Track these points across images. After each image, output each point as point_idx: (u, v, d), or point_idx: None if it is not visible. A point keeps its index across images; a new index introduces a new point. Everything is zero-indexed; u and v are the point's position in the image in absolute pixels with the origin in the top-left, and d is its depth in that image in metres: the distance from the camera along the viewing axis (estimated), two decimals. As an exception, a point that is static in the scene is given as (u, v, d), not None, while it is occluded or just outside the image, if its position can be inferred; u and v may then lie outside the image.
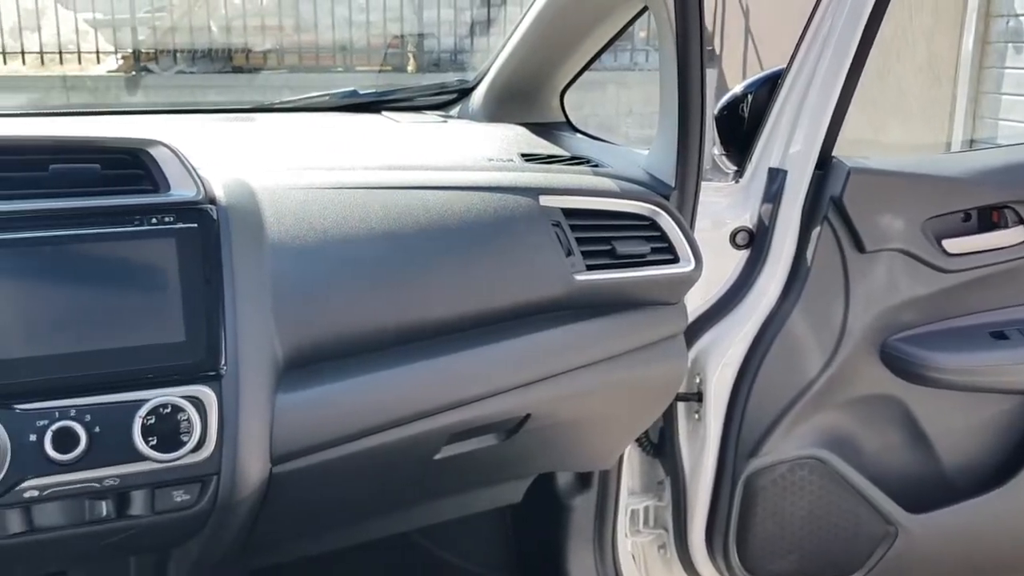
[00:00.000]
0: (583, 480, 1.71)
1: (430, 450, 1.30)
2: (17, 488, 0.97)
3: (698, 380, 1.64)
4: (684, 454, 1.67)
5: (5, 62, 7.56)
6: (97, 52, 7.92)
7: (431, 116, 1.95)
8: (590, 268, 1.37)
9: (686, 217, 1.47)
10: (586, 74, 1.90)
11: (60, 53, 7.69)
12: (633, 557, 1.76)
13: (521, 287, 1.32)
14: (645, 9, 1.61)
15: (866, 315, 1.60)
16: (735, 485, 1.62)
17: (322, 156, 1.44)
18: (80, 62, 7.78)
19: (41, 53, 7.64)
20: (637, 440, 1.70)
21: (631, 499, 1.75)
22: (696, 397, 1.64)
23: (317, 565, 1.59)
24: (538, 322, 1.34)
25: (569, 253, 1.36)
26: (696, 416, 1.65)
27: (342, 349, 1.19)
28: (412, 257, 1.25)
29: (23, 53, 7.60)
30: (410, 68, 8.17)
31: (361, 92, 2.00)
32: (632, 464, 1.74)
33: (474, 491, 1.60)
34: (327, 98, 1.99)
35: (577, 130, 1.95)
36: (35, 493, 0.98)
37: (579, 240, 1.38)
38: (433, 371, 1.25)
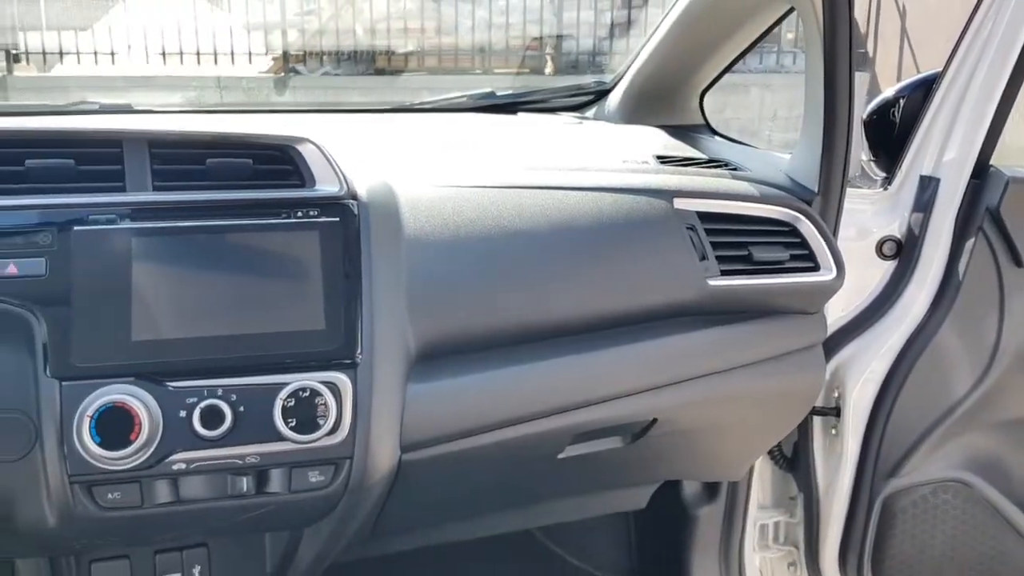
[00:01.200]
0: (711, 490, 1.69)
1: (554, 448, 1.32)
2: (167, 460, 1.05)
3: (836, 394, 1.59)
4: (819, 470, 1.62)
5: (165, 62, 8.08)
6: (249, 54, 8.35)
7: (567, 117, 1.98)
8: (725, 273, 1.36)
9: (829, 224, 1.43)
10: (728, 77, 1.88)
11: (215, 55, 8.15)
12: (760, 573, 1.73)
13: (652, 290, 1.32)
14: (792, 10, 1.57)
15: (1022, 333, 1.51)
16: (872, 505, 1.57)
17: (458, 155, 1.48)
18: (233, 63, 8.23)
19: (198, 54, 8.12)
20: (769, 453, 1.66)
21: (761, 513, 1.71)
22: (834, 412, 1.59)
23: (440, 555, 1.64)
24: (669, 326, 1.34)
25: (703, 257, 1.35)
26: (833, 432, 1.61)
27: (472, 344, 1.23)
28: (544, 256, 1.27)
29: (181, 54, 8.09)
30: (548, 70, 8.23)
31: (498, 93, 2.04)
32: (763, 477, 1.71)
33: (597, 493, 1.61)
34: (465, 99, 2.04)
35: (716, 133, 1.93)
36: (182, 466, 1.05)
37: (714, 244, 1.37)
38: (560, 370, 1.26)
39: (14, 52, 8.11)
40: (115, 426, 1.01)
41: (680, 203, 1.38)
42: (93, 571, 1.20)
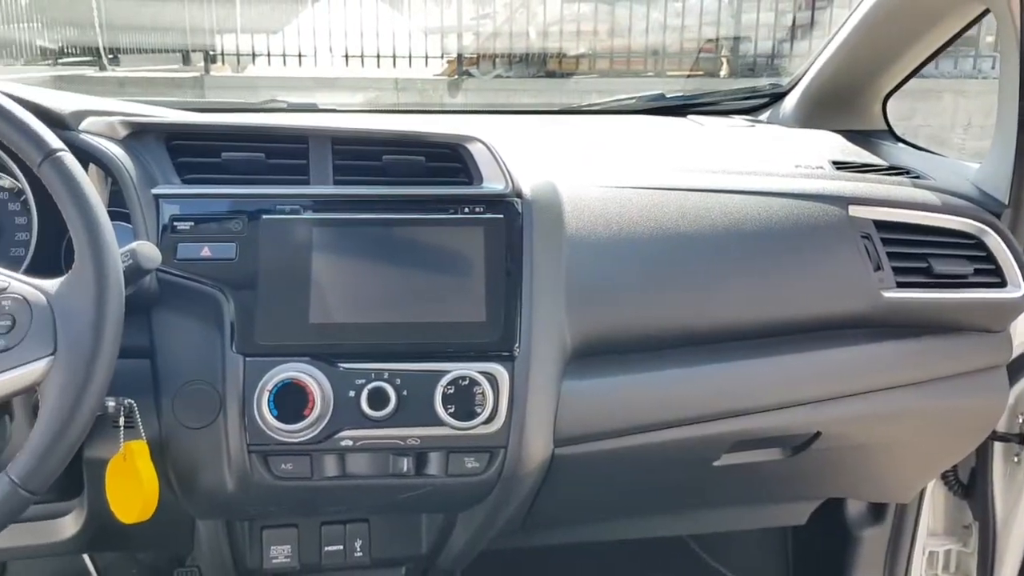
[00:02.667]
0: (877, 511, 1.63)
1: (709, 456, 1.31)
2: (335, 436, 1.12)
3: (1021, 420, 1.49)
4: (998, 499, 1.53)
5: (348, 64, 8.51)
6: (426, 57, 8.66)
7: (738, 120, 1.95)
8: (901, 285, 1.31)
9: (1020, 238, 1.35)
10: (918, 82, 1.80)
11: (394, 57, 8.51)
12: (926, 603, 1.65)
13: (822, 299, 1.29)
14: (987, 11, 1.49)
15: None
16: None
17: (623, 156, 1.50)
18: (410, 65, 8.56)
19: (378, 57, 8.50)
20: (942, 477, 1.59)
21: (931, 540, 1.63)
22: (1017, 439, 1.50)
23: (589, 553, 1.66)
24: (838, 337, 1.31)
25: (878, 267, 1.31)
26: (1015, 460, 1.51)
27: (629, 344, 1.24)
28: (707, 260, 1.27)
29: (363, 57, 8.50)
30: (723, 72, 8.07)
31: (668, 95, 2.04)
32: (935, 502, 1.63)
33: (755, 505, 1.58)
34: (634, 101, 2.05)
35: (899, 139, 1.85)
36: (349, 443, 1.13)
37: (890, 255, 1.32)
38: (719, 376, 1.26)
39: (212, 53, 8.77)
40: (291, 401, 1.10)
41: (855, 210, 1.34)
42: (264, 537, 1.30)
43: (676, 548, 1.80)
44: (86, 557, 1.53)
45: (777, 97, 1.96)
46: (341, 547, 1.30)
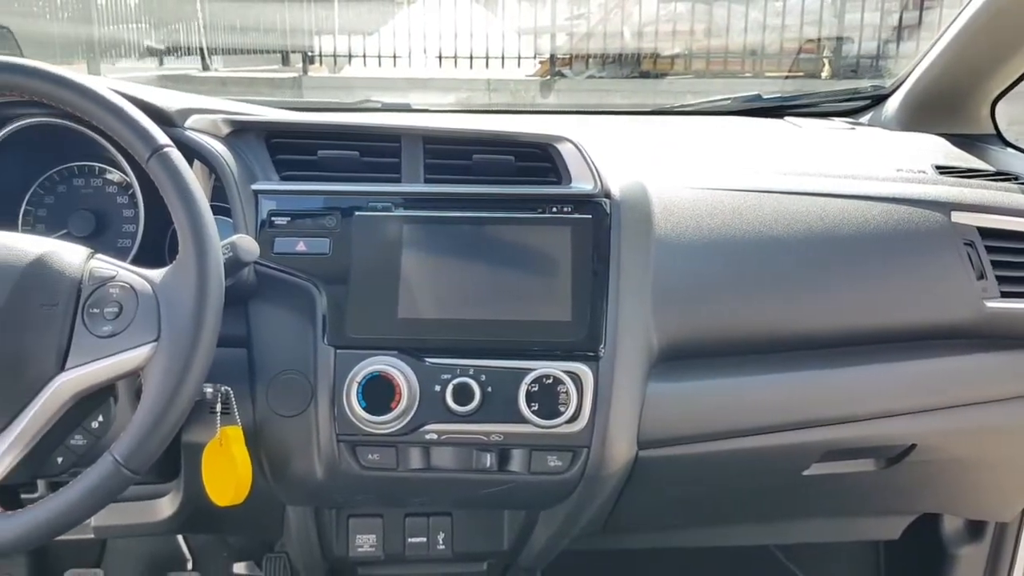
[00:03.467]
0: (975, 529, 1.58)
1: (798, 464, 1.29)
2: (420, 429, 1.15)
3: None
4: None
5: (441, 65, 8.62)
6: (519, 57, 8.71)
7: (837, 123, 1.91)
8: (1005, 295, 1.27)
9: None
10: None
11: (487, 58, 8.58)
12: (1027, 628, 1.58)
13: (920, 308, 1.26)
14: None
15: None
16: None
17: (716, 158, 1.49)
18: (503, 66, 8.62)
19: (471, 58, 8.59)
20: (1047, 496, 1.52)
21: (1033, 563, 1.57)
22: None
23: (672, 558, 1.65)
24: (936, 347, 1.28)
25: (981, 276, 1.27)
26: None
27: (717, 348, 1.24)
28: (801, 265, 1.25)
29: (456, 57, 8.60)
30: (824, 74, 7.88)
31: (764, 96, 2.01)
32: (1038, 523, 1.56)
33: (845, 518, 1.55)
34: (728, 102, 2.03)
35: (1008, 144, 1.78)
36: (434, 436, 1.15)
37: (995, 263, 1.29)
38: (810, 383, 1.24)
39: (310, 54, 9.01)
40: (378, 393, 1.13)
41: (959, 217, 1.30)
42: (351, 525, 1.33)
43: (762, 558, 1.77)
44: (180, 538, 1.60)
45: (879, 99, 1.91)
46: (424, 539, 1.33)
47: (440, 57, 8.61)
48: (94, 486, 0.87)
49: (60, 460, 0.93)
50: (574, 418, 1.15)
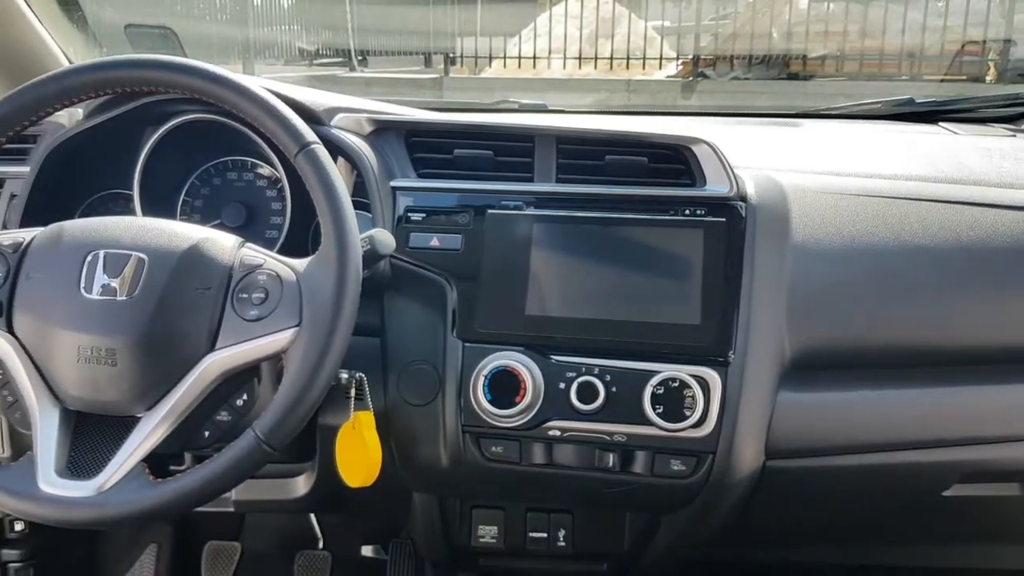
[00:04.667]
0: None
1: (936, 485, 1.25)
2: (544, 425, 1.17)
3: None
4: None
5: (580, 66, 8.65)
6: (660, 58, 8.63)
7: (998, 129, 1.82)
8: None
9: None
10: None
11: (627, 59, 8.55)
12: None
13: (1079, 326, 1.20)
14: None
15: None
16: None
17: (862, 163, 1.45)
18: (644, 67, 8.57)
19: (611, 59, 8.58)
20: None
21: None
22: None
23: (800, 575, 1.62)
24: None
25: None
26: None
27: (852, 358, 1.21)
28: (948, 276, 1.22)
29: (596, 59, 8.61)
30: (989, 77, 7.46)
31: (918, 100, 1.94)
32: None
33: (990, 544, 1.48)
34: (879, 105, 1.97)
35: None
36: (557, 433, 1.18)
37: None
38: (950, 400, 1.20)
39: (451, 55, 9.22)
40: (504, 388, 1.16)
41: None
42: (473, 516, 1.38)
43: None
44: (313, 518, 1.69)
45: (1045, 105, 1.82)
46: (545, 535, 1.36)
47: (580, 58, 8.64)
48: (237, 459, 0.94)
49: (207, 434, 1.00)
50: (700, 423, 1.15)
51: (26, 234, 1.02)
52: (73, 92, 1.03)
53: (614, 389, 1.16)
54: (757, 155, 1.41)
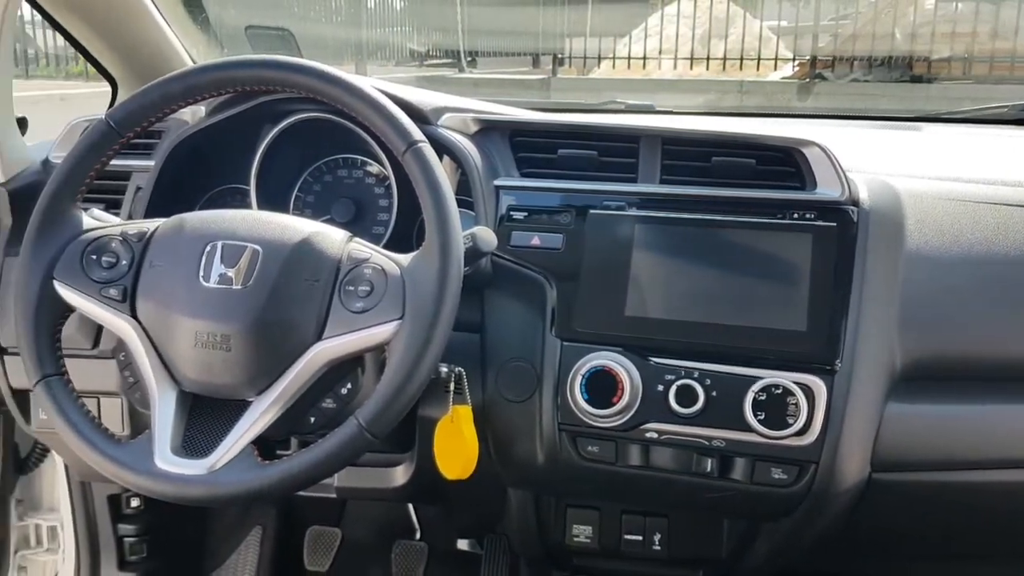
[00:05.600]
0: None
1: None
2: (641, 427, 1.17)
3: None
4: None
5: (692, 67, 8.55)
6: (775, 59, 8.47)
7: None
8: None
9: None
10: None
11: (741, 60, 8.42)
12: None
13: None
14: None
15: None
16: None
17: (984, 169, 1.40)
18: (758, 68, 8.41)
19: (724, 59, 8.46)
20: None
21: None
22: None
23: None
24: None
25: None
26: None
27: (966, 371, 1.18)
28: None
29: (708, 59, 8.50)
30: None
31: (1047, 103, 1.86)
32: None
33: None
34: (1006, 109, 1.90)
35: None
36: (654, 435, 1.18)
37: None
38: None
39: (560, 56, 9.25)
40: (601, 388, 1.17)
41: None
42: (568, 514, 1.39)
43: None
44: (411, 510, 1.73)
45: None
46: (640, 537, 1.36)
47: (691, 58, 8.55)
48: (339, 445, 0.97)
49: (312, 420, 1.05)
50: (803, 431, 1.13)
51: (150, 224, 1.08)
52: (197, 91, 1.08)
53: (714, 393, 1.15)
54: (872, 159, 1.38)
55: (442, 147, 1.24)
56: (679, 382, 1.16)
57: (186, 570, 1.75)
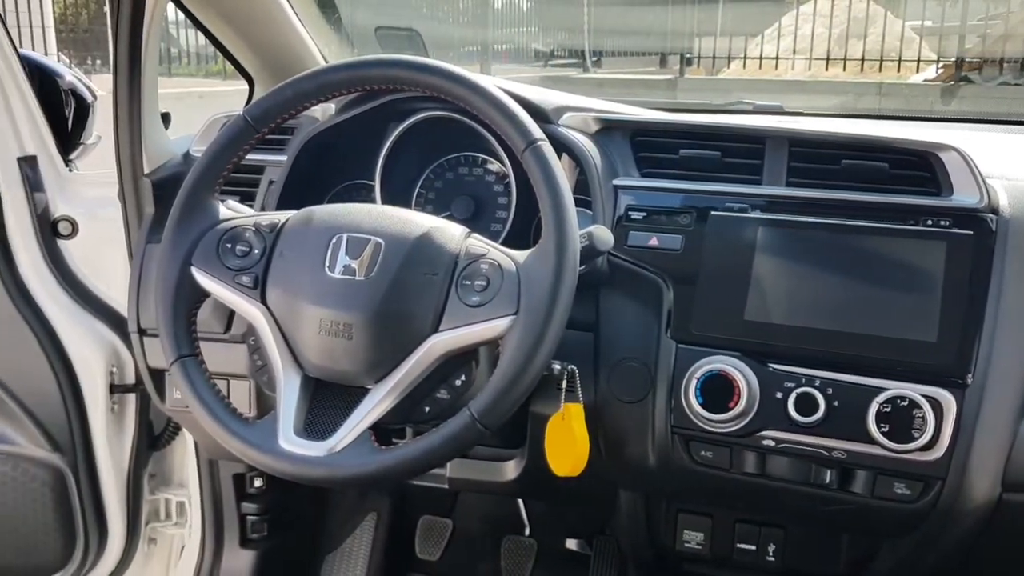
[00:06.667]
0: None
1: None
2: (757, 434, 1.16)
3: None
4: None
5: (827, 68, 8.32)
6: (918, 60, 8.15)
7: None
8: None
9: None
10: None
11: (880, 61, 8.13)
12: None
13: None
14: None
15: None
16: None
17: None
18: (899, 70, 8.11)
19: (862, 60, 8.19)
20: None
21: None
22: None
23: None
24: None
25: None
26: None
27: None
28: None
29: (845, 60, 8.25)
30: None
31: None
32: None
33: None
34: None
35: None
36: (771, 443, 1.16)
37: None
38: None
39: (688, 56, 9.14)
40: (717, 392, 1.16)
41: None
42: (679, 519, 1.38)
43: None
44: (521, 505, 1.75)
45: None
46: (754, 547, 1.34)
47: (827, 59, 8.32)
48: (452, 435, 1.00)
49: (427, 409, 1.08)
50: (930, 446, 1.10)
51: (281, 216, 1.14)
52: (328, 88, 1.13)
53: (836, 403, 1.13)
54: (1017, 166, 1.32)
55: (562, 146, 1.26)
56: (799, 390, 1.14)
57: (303, 551, 1.82)
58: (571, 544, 1.77)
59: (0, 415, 1.58)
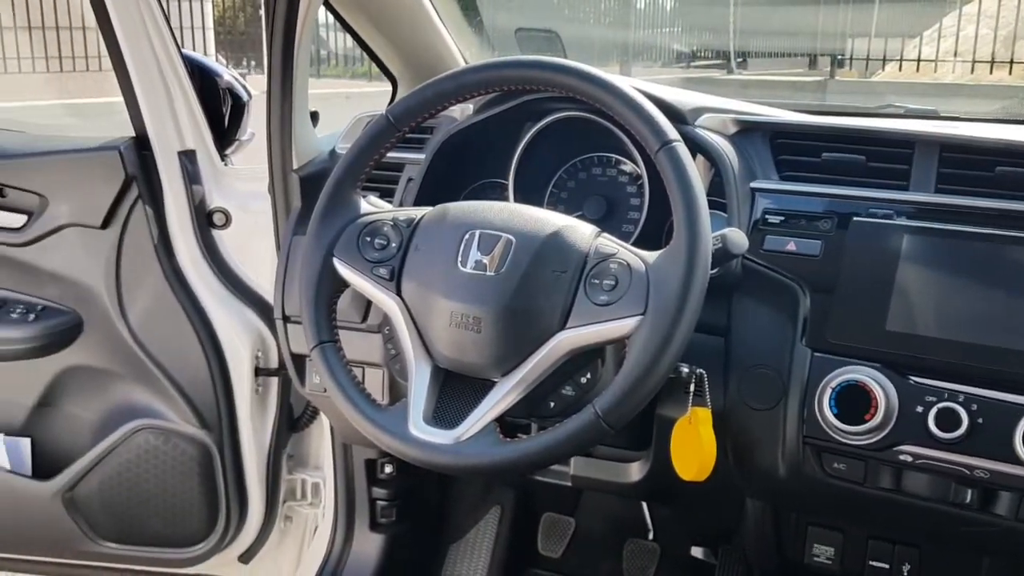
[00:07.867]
0: None
1: None
2: (894, 448, 1.12)
3: None
4: None
5: (992, 71, 7.89)
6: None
7: None
8: None
9: None
10: None
11: (1050, 63, 7.66)
12: None
13: None
14: None
15: None
16: None
17: None
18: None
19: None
20: None
21: None
22: None
23: None
24: None
25: None
26: None
27: None
28: None
29: (1011, 63, 7.80)
30: None
31: None
32: None
33: None
34: None
35: None
36: (908, 458, 1.12)
37: None
38: None
39: (839, 58, 8.85)
40: (852, 403, 1.13)
41: None
42: (809, 532, 1.35)
43: None
44: (646, 509, 1.75)
45: None
46: (887, 566, 1.30)
47: (992, 61, 7.89)
48: (576, 431, 1.01)
49: (551, 405, 1.09)
50: None
51: (418, 212, 1.18)
52: (467, 89, 1.17)
53: (980, 420, 1.08)
54: None
55: (697, 147, 1.25)
56: (940, 404, 1.10)
57: (430, 538, 1.87)
58: (696, 552, 1.75)
59: (156, 393, 1.69)
